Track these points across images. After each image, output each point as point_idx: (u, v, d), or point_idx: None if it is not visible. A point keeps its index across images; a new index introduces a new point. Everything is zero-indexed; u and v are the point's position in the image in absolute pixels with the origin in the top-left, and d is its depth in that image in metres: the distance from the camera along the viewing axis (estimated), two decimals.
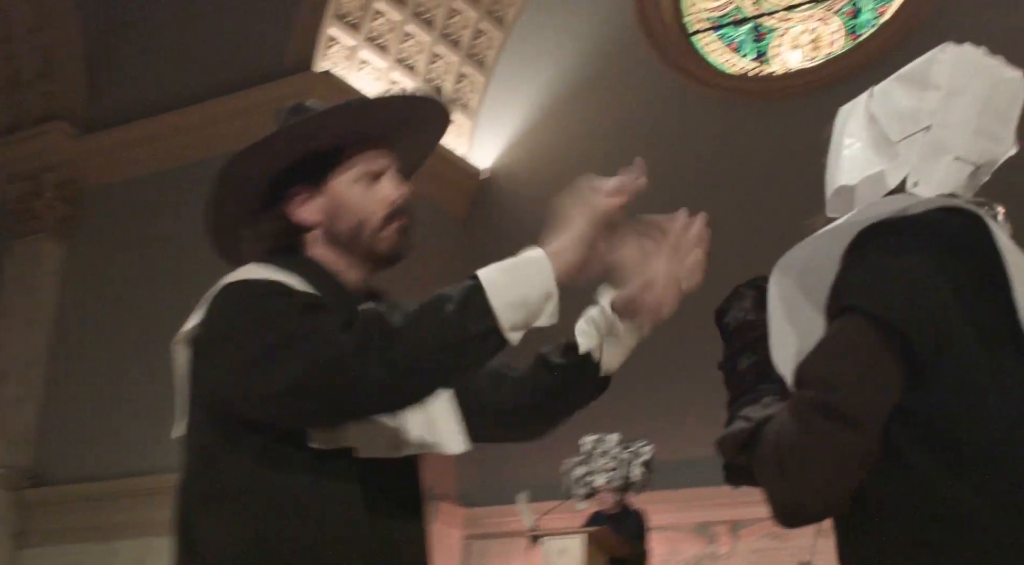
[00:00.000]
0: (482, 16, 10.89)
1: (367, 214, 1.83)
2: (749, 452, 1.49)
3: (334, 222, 1.83)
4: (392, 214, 1.86)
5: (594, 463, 7.34)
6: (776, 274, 1.57)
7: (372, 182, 1.85)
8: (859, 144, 1.56)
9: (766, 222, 9.30)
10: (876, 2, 9.88)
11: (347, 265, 1.85)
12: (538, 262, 1.84)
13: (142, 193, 9.91)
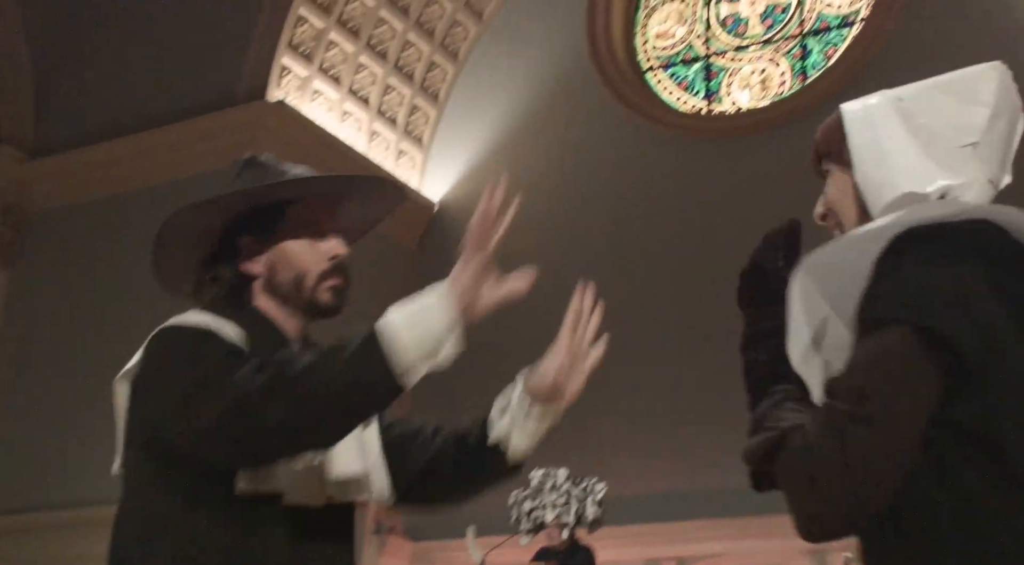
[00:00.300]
0: (435, 49, 10.94)
1: (306, 269, 1.95)
2: (774, 461, 1.45)
3: (275, 274, 1.93)
4: (329, 271, 1.99)
5: (543, 498, 7.31)
6: (801, 272, 1.49)
7: (315, 239, 1.97)
8: (913, 151, 1.50)
9: (715, 258, 9.38)
10: (824, 45, 10.04)
11: (286, 315, 1.94)
12: (439, 296, 1.96)
13: (89, 219, 9.81)
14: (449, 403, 10.18)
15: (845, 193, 1.58)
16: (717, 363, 9.13)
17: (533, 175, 10.40)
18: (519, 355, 8.92)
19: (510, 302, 1.88)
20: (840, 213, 1.59)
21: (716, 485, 8.77)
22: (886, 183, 1.49)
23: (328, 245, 1.99)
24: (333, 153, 9.92)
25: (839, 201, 1.60)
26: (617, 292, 9.59)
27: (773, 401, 1.55)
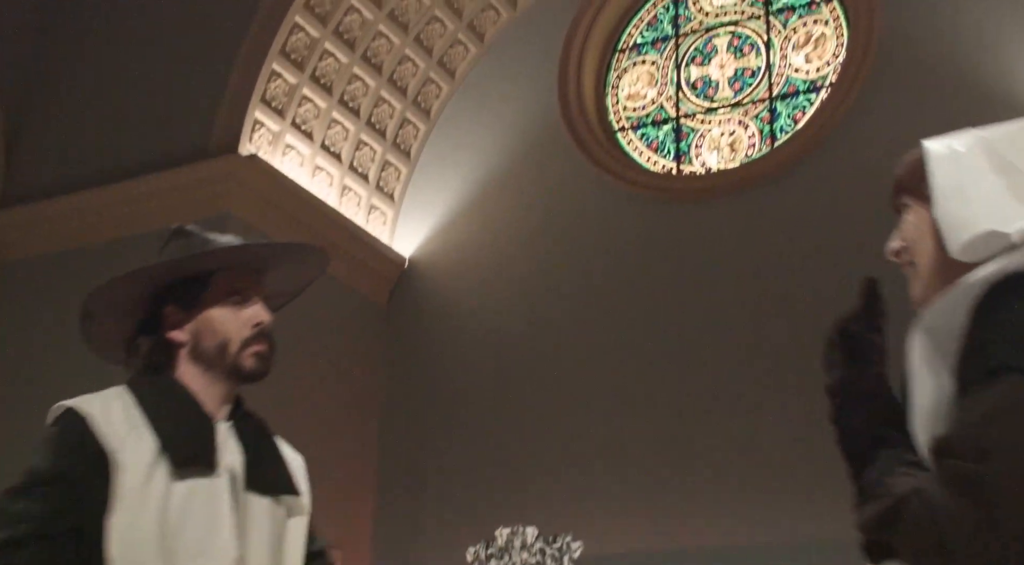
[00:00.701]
0: (408, 107, 11.01)
1: (229, 336, 2.01)
2: (892, 529, 1.38)
3: (200, 341, 2.00)
4: (253, 337, 2.04)
5: (512, 557, 7.24)
6: (918, 332, 1.44)
7: (238, 306, 2.03)
8: (997, 189, 1.45)
9: (685, 317, 9.43)
10: (792, 108, 10.19)
11: (210, 380, 2.00)
12: None
13: (59, 270, 9.74)
14: (417, 447, 10.13)
15: (922, 230, 1.53)
16: (690, 420, 9.16)
17: (504, 232, 10.44)
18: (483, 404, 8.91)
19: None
20: (915, 250, 1.55)
21: (680, 545, 8.74)
22: (967, 221, 1.43)
23: (251, 312, 2.05)
24: (305, 208, 9.93)
25: (915, 238, 1.55)
26: (587, 350, 9.62)
27: (881, 467, 1.45)
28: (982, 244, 1.41)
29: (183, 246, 2.04)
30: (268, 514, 1.99)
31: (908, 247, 1.56)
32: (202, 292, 2.00)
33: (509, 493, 9.36)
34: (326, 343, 9.98)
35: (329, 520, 9.59)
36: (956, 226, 1.44)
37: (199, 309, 2.00)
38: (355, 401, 10.18)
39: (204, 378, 1.99)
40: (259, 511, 1.96)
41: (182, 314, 2.00)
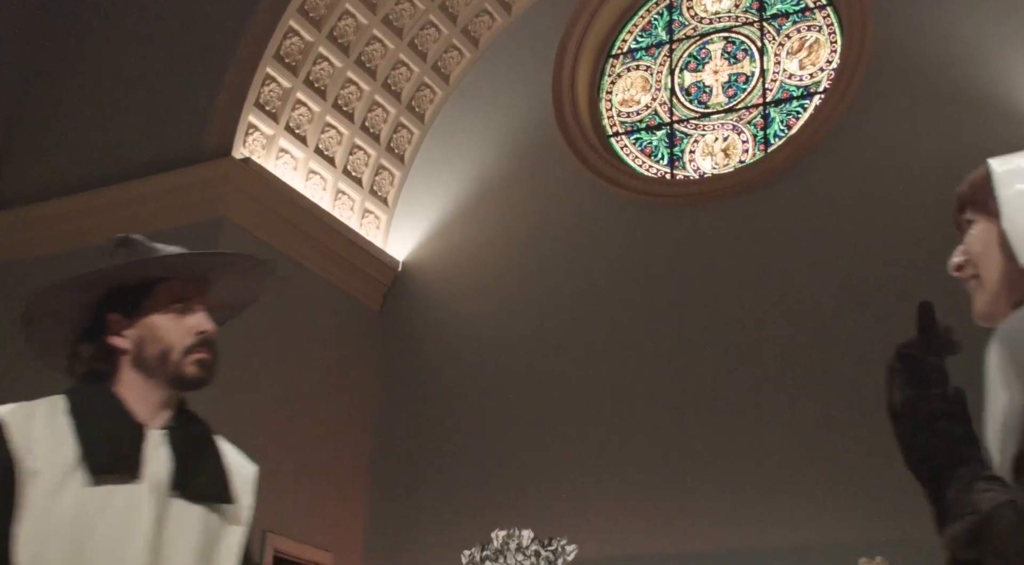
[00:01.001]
0: (402, 111, 11.02)
1: (171, 344, 2.01)
2: (984, 544, 1.35)
3: (142, 349, 2.01)
4: (195, 345, 2.03)
5: (507, 559, 7.24)
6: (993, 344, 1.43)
7: (181, 314, 2.04)
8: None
9: (679, 321, 9.44)
10: (785, 114, 10.21)
11: (151, 387, 2.00)
12: None
13: (50, 274, 9.70)
14: (412, 450, 10.13)
15: (989, 243, 1.52)
16: (687, 422, 9.16)
17: (497, 237, 10.44)
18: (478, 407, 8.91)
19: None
20: (981, 264, 1.54)
21: (675, 549, 8.74)
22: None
23: (194, 320, 2.04)
24: (298, 212, 9.92)
25: (981, 251, 1.54)
26: (582, 354, 9.63)
27: (961, 484, 1.42)
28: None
29: (127, 255, 2.08)
30: (198, 523, 1.96)
31: (972, 261, 1.56)
32: (145, 300, 2.02)
33: (504, 496, 9.36)
34: (320, 347, 9.97)
35: (322, 523, 9.61)
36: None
37: (141, 316, 2.02)
38: (350, 405, 10.17)
39: (145, 385, 2.00)
40: (187, 519, 1.94)
41: (124, 321, 2.02)
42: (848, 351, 8.69)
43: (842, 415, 8.52)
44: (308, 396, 9.69)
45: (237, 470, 2.09)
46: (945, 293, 8.19)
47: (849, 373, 8.61)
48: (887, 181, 9.00)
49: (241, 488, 2.08)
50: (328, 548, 9.67)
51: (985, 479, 1.41)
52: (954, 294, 7.27)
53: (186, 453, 1.98)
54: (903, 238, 8.77)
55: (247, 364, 9.14)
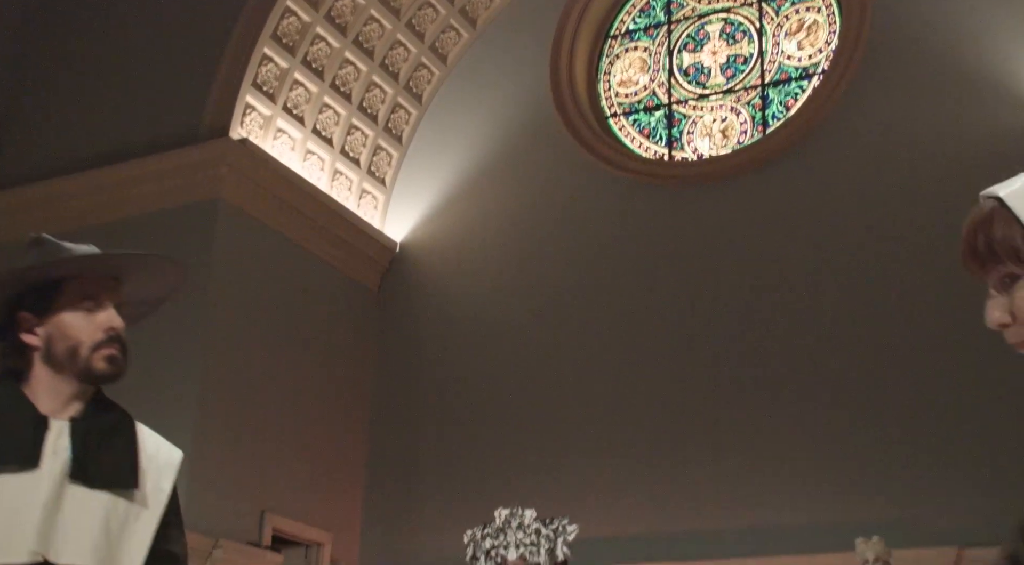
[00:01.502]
0: (399, 91, 11.00)
1: (79, 340, 2.06)
2: None
3: (52, 345, 2.06)
4: (104, 341, 2.07)
5: (507, 536, 7.26)
6: None
7: (90, 312, 2.08)
8: None
9: (677, 302, 9.45)
10: (784, 95, 10.20)
11: (59, 381, 2.06)
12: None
13: None
14: (408, 431, 10.15)
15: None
16: (685, 403, 9.18)
17: (495, 218, 10.44)
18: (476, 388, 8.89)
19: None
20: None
21: (674, 528, 8.78)
22: None
23: (104, 317, 2.08)
24: (295, 192, 9.91)
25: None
26: (580, 334, 9.64)
27: None
28: None
29: (40, 254, 2.14)
30: (99, 509, 2.00)
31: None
32: (56, 298, 2.08)
33: (503, 476, 9.39)
34: (318, 328, 9.98)
35: (321, 502, 9.64)
36: None
37: (52, 314, 2.07)
38: (348, 386, 10.19)
39: (54, 380, 2.05)
40: (86, 506, 1.98)
41: (35, 319, 2.07)
42: (847, 331, 8.71)
43: (841, 396, 8.54)
44: (306, 377, 9.70)
45: (155, 456, 2.13)
46: (942, 274, 8.28)
47: (849, 353, 8.63)
48: (885, 162, 9.00)
49: (159, 473, 2.11)
50: (327, 527, 9.70)
51: None
52: (952, 274, 7.32)
53: (90, 441, 2.03)
54: (901, 218, 8.77)
55: (245, 346, 9.15)
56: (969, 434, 8.10)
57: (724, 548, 8.53)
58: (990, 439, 7.96)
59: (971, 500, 7.81)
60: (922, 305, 8.45)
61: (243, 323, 9.20)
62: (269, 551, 8.98)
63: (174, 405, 8.18)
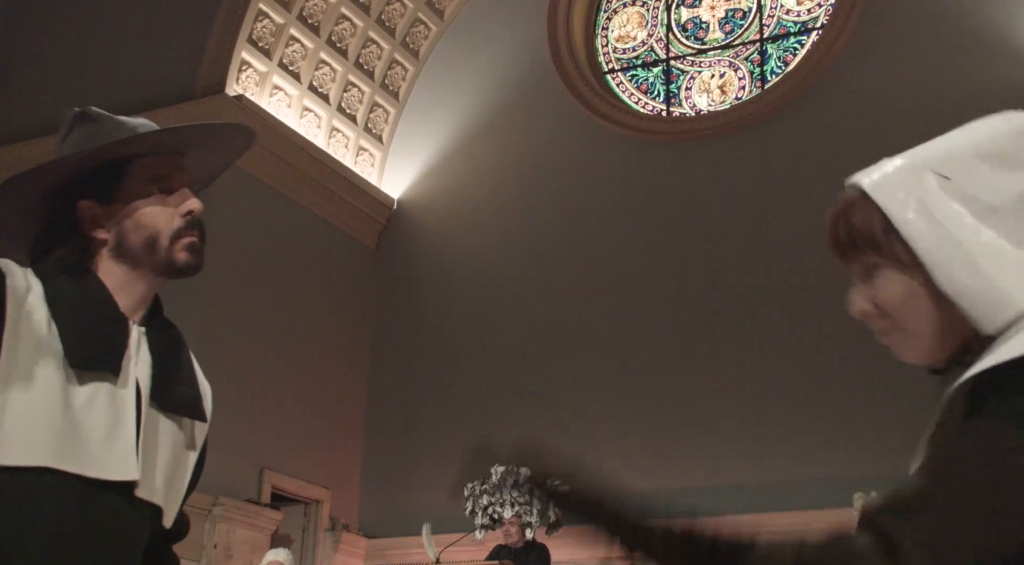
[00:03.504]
0: (396, 47, 10.92)
1: (159, 228, 1.77)
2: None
3: (124, 237, 1.77)
4: (184, 228, 1.79)
5: (503, 494, 7.32)
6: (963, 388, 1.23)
7: (163, 195, 1.79)
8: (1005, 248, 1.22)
9: (674, 259, 9.44)
10: (783, 50, 10.13)
11: (135, 278, 1.78)
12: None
13: None
14: (406, 386, 10.19)
15: (911, 294, 1.27)
16: (677, 364, 9.21)
17: (492, 174, 10.41)
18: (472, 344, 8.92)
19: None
20: (904, 317, 1.30)
21: (669, 485, 8.83)
22: (998, 297, 1.20)
23: (178, 199, 1.79)
24: (292, 149, 9.87)
25: (901, 302, 1.29)
26: (578, 289, 9.65)
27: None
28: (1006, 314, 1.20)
29: (91, 131, 1.81)
30: (171, 437, 1.76)
31: (889, 314, 1.31)
32: (120, 182, 1.77)
33: (497, 433, 9.42)
34: (316, 285, 9.98)
35: (320, 459, 9.68)
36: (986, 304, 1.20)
37: (120, 202, 1.76)
38: (346, 343, 10.20)
39: (128, 277, 1.76)
40: (163, 432, 1.75)
41: (100, 208, 1.76)
42: (845, 288, 8.70)
43: (840, 353, 8.56)
44: (304, 334, 9.71)
45: (204, 387, 1.89)
46: None
47: (847, 310, 8.63)
48: (884, 117, 8.96)
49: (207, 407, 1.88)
50: (325, 484, 9.75)
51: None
52: None
53: (165, 357, 1.79)
54: None
55: (243, 304, 9.15)
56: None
57: (722, 504, 8.58)
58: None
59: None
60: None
61: (240, 281, 9.19)
62: (268, 508, 9.03)
63: None
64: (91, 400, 1.65)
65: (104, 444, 1.64)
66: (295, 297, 9.70)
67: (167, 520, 1.75)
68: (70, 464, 1.60)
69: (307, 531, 9.67)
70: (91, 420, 1.64)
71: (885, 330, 1.33)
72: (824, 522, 1.21)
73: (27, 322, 1.65)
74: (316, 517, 9.69)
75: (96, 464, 1.62)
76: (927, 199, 1.27)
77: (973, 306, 1.21)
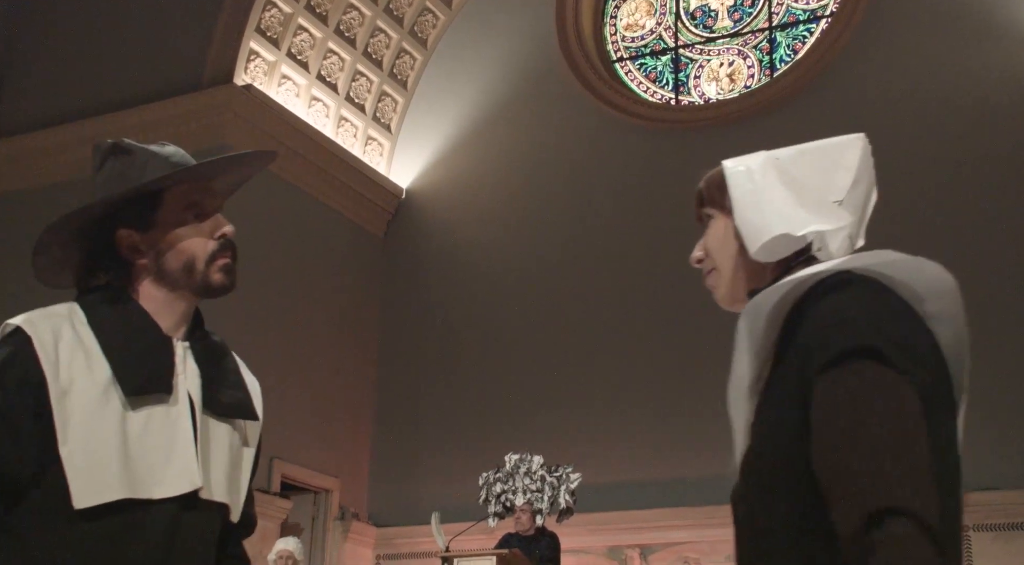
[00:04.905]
0: (404, 36, 10.91)
1: (195, 252, 1.92)
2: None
3: (163, 261, 1.91)
4: (219, 251, 1.94)
5: (515, 481, 7.35)
6: (741, 318, 1.59)
7: (197, 220, 1.94)
8: (788, 200, 1.65)
9: (683, 247, 9.43)
10: (792, 38, 10.10)
11: (174, 299, 1.93)
12: None
13: (50, 202, 9.70)
14: (414, 376, 10.21)
15: (726, 237, 1.70)
16: (684, 353, 9.20)
17: (501, 162, 10.40)
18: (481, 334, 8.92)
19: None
20: (718, 256, 1.71)
21: (679, 474, 8.83)
22: (763, 225, 1.63)
23: (211, 224, 1.95)
24: (301, 139, 9.87)
25: (718, 245, 1.71)
26: (586, 280, 9.64)
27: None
28: (777, 246, 1.60)
29: (125, 163, 1.95)
30: (226, 440, 1.92)
31: (711, 255, 1.72)
32: (156, 210, 1.91)
33: (509, 423, 9.44)
34: (324, 274, 9.99)
35: (329, 449, 9.70)
36: (755, 230, 1.63)
37: (158, 229, 1.90)
38: (354, 333, 10.22)
39: (167, 298, 1.92)
40: (218, 435, 1.90)
41: (139, 236, 1.90)
42: None
43: None
44: (313, 324, 9.73)
45: (249, 384, 2.05)
46: (950, 215, 8.23)
47: None
48: (893, 105, 8.93)
49: (257, 404, 2.04)
50: (335, 474, 9.78)
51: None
52: (960, 212, 7.27)
53: (211, 367, 1.95)
54: (909, 161, 8.71)
55: (252, 294, 9.16)
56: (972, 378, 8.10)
57: (727, 494, 8.59)
58: (992, 386, 7.96)
59: (973, 446, 7.84)
60: (931, 244, 8.42)
61: (248, 271, 9.15)
62: (278, 497, 9.06)
63: None
64: (148, 422, 1.82)
65: (166, 463, 1.81)
66: (303, 286, 9.71)
67: (234, 515, 1.91)
68: (140, 491, 1.77)
69: (317, 520, 9.70)
70: (151, 442, 1.81)
71: (707, 270, 1.73)
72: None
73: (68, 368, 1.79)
74: (326, 506, 9.72)
75: (162, 485, 1.80)
76: (755, 166, 1.71)
77: (746, 232, 1.63)
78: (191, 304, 1.96)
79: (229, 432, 1.94)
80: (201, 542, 1.86)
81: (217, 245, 1.93)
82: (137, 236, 1.90)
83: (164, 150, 1.98)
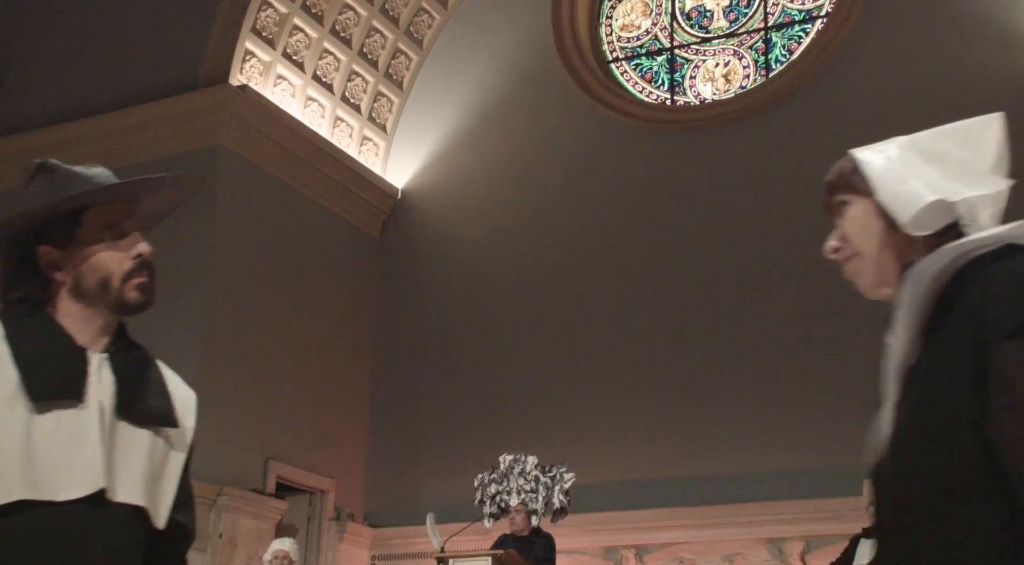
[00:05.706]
0: (400, 36, 10.90)
1: (111, 270, 1.97)
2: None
3: (80, 278, 1.97)
4: (134, 269, 1.99)
5: (510, 482, 7.34)
6: (906, 285, 1.56)
7: (115, 239, 2.00)
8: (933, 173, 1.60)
9: (678, 247, 9.43)
10: (787, 39, 10.10)
11: (91, 314, 1.98)
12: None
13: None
14: (409, 378, 10.20)
15: (867, 218, 1.64)
16: (680, 352, 9.20)
17: (497, 163, 10.40)
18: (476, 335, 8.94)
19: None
20: (859, 239, 1.65)
21: (674, 474, 8.83)
22: (915, 195, 1.57)
23: (129, 243, 2.01)
24: (296, 139, 9.86)
25: (858, 228, 1.65)
26: (581, 280, 9.64)
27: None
28: (930, 215, 1.55)
29: (50, 181, 2.03)
30: (145, 446, 1.97)
31: (849, 241, 1.66)
32: (76, 229, 1.99)
33: (503, 422, 9.43)
34: (320, 274, 9.98)
35: (323, 449, 9.69)
36: (905, 201, 1.57)
37: (76, 247, 1.98)
38: (350, 333, 10.21)
39: (84, 313, 1.98)
40: (134, 442, 1.95)
41: (58, 253, 1.98)
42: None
43: (847, 339, 8.55)
44: (308, 324, 9.72)
45: (179, 394, 2.09)
46: None
47: (853, 298, 8.59)
48: (888, 105, 8.93)
49: (183, 412, 2.07)
50: (330, 474, 9.77)
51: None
52: None
53: (129, 376, 1.99)
54: None
55: (247, 294, 9.15)
56: None
57: (727, 493, 8.59)
58: None
59: None
60: None
61: (245, 271, 9.20)
62: (273, 498, 9.05)
63: (177, 354, 8.18)
64: (56, 428, 1.87)
65: (71, 466, 1.85)
66: (299, 287, 9.70)
67: (157, 521, 1.95)
68: (44, 493, 1.81)
69: (312, 521, 9.69)
70: (58, 447, 1.85)
71: (846, 257, 1.67)
72: (833, 510, 1.26)
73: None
74: (321, 507, 9.71)
75: (65, 486, 1.84)
76: (890, 150, 1.65)
77: (895, 204, 1.58)
78: (109, 319, 2.01)
79: (149, 438, 1.98)
80: (117, 546, 1.89)
81: (133, 264, 1.99)
82: (56, 253, 1.97)
83: (89, 171, 2.06)
